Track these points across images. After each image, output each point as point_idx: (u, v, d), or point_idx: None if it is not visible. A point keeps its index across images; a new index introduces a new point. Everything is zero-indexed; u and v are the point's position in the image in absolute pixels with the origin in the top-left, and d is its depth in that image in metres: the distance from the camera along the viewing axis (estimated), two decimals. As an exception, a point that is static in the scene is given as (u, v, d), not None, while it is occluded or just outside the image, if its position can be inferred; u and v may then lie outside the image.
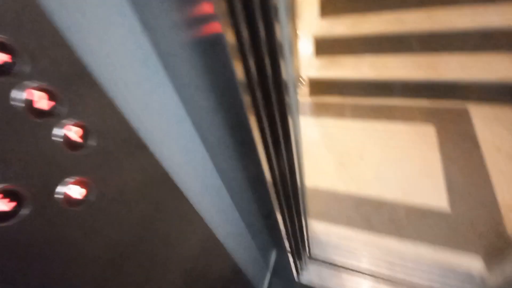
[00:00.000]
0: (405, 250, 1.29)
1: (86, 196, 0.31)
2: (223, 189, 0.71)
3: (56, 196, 0.29)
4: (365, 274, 1.21)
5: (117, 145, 0.35)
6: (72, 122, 0.28)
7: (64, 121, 0.28)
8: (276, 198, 0.85)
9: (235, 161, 0.75)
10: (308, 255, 1.21)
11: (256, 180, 0.83)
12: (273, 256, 1.32)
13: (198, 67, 0.48)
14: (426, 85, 1.94)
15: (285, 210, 0.88)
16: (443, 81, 1.87)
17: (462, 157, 1.62)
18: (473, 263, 1.18)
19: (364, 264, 1.25)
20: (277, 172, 0.75)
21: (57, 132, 0.27)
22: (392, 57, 2.11)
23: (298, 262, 1.16)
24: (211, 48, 0.47)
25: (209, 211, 0.64)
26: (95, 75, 0.30)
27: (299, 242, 1.06)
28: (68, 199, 0.30)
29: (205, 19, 0.44)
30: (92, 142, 0.30)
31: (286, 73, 0.55)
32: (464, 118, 1.83)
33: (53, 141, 0.28)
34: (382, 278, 1.19)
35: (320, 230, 1.43)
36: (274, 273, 1.28)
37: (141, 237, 0.46)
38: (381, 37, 2.04)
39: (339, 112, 2.12)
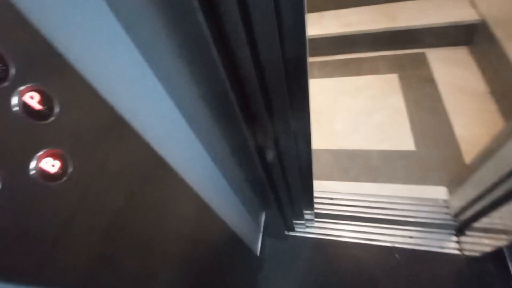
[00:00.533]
0: (381, 192, 1.41)
1: (61, 169, 0.29)
2: (208, 159, 0.71)
3: (31, 172, 0.28)
4: (348, 219, 1.32)
5: (88, 114, 0.33)
6: (29, 88, 0.26)
7: (20, 88, 0.25)
8: (260, 162, 0.86)
9: (218, 130, 0.74)
10: (295, 211, 1.28)
11: (240, 148, 0.83)
12: (263, 217, 1.39)
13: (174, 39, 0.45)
14: (387, 35, 1.99)
15: (274, 173, 0.91)
16: (402, 29, 1.93)
17: (423, 100, 1.74)
18: (439, 192, 1.32)
19: (346, 211, 1.35)
20: (271, 139, 0.74)
21: (16, 100, 0.25)
22: (354, 10, 2.11)
23: (286, 219, 1.23)
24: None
25: (198, 181, 0.64)
26: (52, 39, 0.27)
27: (289, 201, 1.10)
28: (44, 173, 0.28)
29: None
30: (57, 110, 0.28)
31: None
32: (423, 63, 1.92)
33: (14, 112, 0.25)
34: (363, 221, 1.30)
35: (303, 187, 1.50)
36: (266, 232, 1.35)
37: (133, 211, 0.45)
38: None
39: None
